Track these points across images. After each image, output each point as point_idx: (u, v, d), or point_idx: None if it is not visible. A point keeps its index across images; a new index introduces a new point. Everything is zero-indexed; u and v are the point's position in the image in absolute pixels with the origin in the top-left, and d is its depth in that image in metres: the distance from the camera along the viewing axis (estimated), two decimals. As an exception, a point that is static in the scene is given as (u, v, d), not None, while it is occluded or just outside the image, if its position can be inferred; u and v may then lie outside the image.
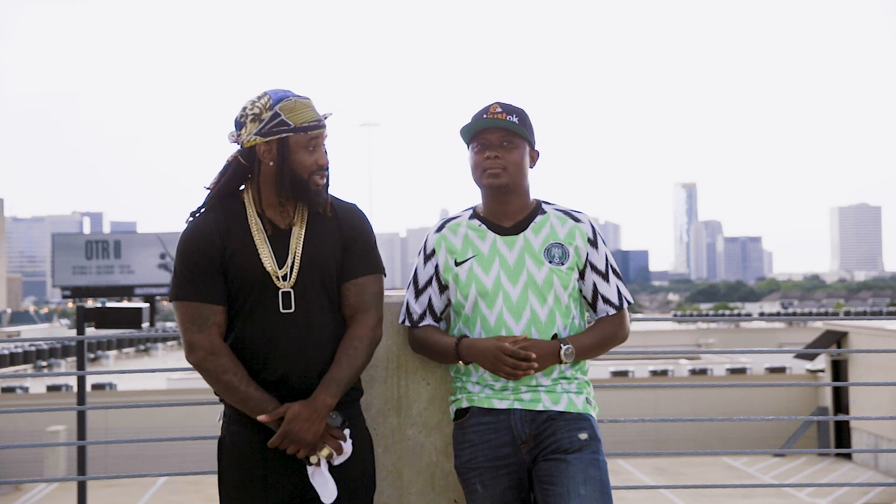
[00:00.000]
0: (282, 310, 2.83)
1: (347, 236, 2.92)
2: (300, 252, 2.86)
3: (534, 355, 2.88)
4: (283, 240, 2.87)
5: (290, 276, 2.84)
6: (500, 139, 3.01)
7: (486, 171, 3.01)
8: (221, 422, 2.95)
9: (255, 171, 2.87)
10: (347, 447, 2.84)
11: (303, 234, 2.88)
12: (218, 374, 2.80)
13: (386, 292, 3.13)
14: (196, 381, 26.56)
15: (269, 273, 2.83)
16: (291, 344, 2.83)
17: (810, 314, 51.97)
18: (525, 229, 3.05)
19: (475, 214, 3.12)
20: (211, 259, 2.83)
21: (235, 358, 2.82)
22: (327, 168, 2.86)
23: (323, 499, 2.80)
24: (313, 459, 2.80)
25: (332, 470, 2.83)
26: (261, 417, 2.78)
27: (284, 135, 2.80)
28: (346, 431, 2.85)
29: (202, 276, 2.82)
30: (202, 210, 2.91)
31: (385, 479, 3.29)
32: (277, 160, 2.82)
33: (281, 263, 2.85)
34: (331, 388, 2.80)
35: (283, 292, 2.84)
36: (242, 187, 2.93)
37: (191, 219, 2.91)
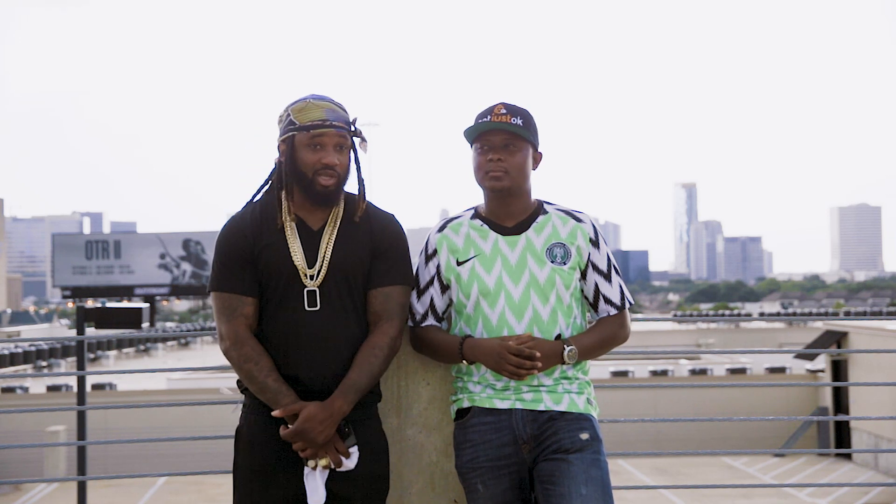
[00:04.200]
0: (307, 307, 2.89)
1: (378, 244, 2.98)
2: (329, 254, 2.92)
3: (538, 354, 2.88)
4: (313, 240, 2.94)
5: (318, 276, 2.90)
6: (503, 141, 3.00)
7: (488, 173, 3.00)
8: (240, 412, 3.01)
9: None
10: (349, 463, 2.87)
11: (333, 237, 2.94)
12: (240, 362, 2.88)
13: None
14: (196, 381, 26.62)
15: (298, 269, 2.90)
16: (310, 342, 2.89)
17: (810, 314, 51.98)
18: (527, 229, 3.05)
19: (477, 214, 3.11)
20: (242, 252, 2.93)
21: (261, 348, 2.89)
22: (334, 168, 2.89)
23: (309, 500, 2.84)
24: (311, 464, 2.84)
25: (345, 471, 2.87)
26: (274, 413, 2.82)
27: (291, 133, 2.91)
28: (353, 449, 2.87)
29: (233, 268, 2.93)
30: (242, 209, 3.03)
31: (386, 479, 3.29)
32: (285, 158, 2.94)
33: (311, 264, 2.92)
34: (348, 395, 2.85)
35: (308, 290, 2.90)
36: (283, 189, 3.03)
37: (231, 216, 3.03)
